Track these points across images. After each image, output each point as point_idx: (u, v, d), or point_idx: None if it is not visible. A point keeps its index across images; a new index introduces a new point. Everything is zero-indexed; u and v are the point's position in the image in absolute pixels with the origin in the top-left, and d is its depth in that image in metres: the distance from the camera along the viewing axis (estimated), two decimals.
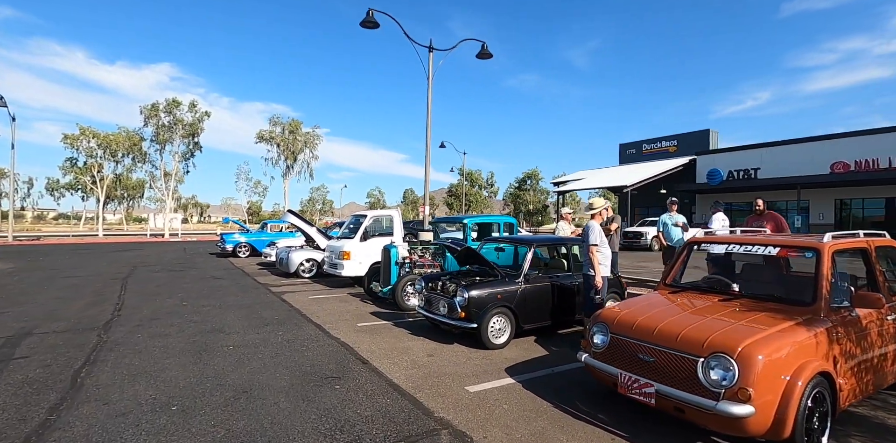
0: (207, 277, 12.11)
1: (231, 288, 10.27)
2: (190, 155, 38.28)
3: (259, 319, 7.07)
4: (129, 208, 76.09)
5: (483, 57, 14.58)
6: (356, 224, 10.97)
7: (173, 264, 15.51)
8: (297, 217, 12.92)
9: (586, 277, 5.68)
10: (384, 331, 6.39)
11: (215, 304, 8.32)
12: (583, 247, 5.80)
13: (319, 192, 71.65)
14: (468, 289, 5.50)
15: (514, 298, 5.72)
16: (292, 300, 8.75)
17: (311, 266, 12.29)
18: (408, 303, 7.80)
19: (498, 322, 5.58)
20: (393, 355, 5.23)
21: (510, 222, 9.21)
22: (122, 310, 7.77)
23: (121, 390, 4.08)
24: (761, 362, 2.92)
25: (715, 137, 32.93)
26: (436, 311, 5.93)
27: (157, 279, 11.71)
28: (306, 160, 43.78)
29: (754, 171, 27.55)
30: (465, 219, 8.75)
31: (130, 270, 13.89)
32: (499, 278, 5.88)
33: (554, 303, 6.08)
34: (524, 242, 6.22)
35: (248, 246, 18.49)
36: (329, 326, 6.58)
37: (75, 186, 56.25)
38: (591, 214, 5.85)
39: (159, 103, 35.88)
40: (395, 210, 10.96)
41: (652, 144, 35.83)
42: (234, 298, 8.89)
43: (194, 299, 8.78)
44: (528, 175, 54.13)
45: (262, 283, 11.21)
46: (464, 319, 5.49)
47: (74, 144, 37.92)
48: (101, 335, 6.04)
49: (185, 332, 6.22)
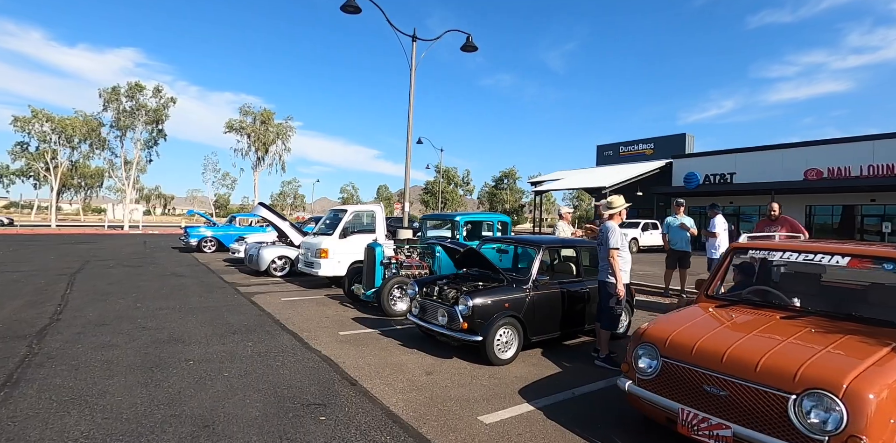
0: (168, 275, 11.03)
1: (194, 287, 9.27)
2: (153, 143, 36.19)
3: (225, 325, 6.19)
4: (88, 198, 72.31)
5: (468, 49, 13.89)
6: (335, 220, 10.11)
7: (130, 259, 14.26)
8: (269, 211, 11.97)
9: (604, 285, 5.06)
10: (371, 341, 5.62)
11: (175, 306, 7.36)
12: (600, 250, 5.18)
13: (291, 186, 69.71)
14: (471, 296, 4.79)
15: (523, 307, 5.05)
16: (263, 303, 7.86)
17: (283, 264, 11.36)
18: (394, 308, 7.05)
19: (505, 334, 4.89)
20: (385, 373, 4.47)
21: (504, 221, 8.55)
22: (63, 312, 6.74)
23: (43, 425, 3.21)
24: (873, 402, 2.32)
25: (691, 141, 33.28)
26: (432, 320, 5.20)
27: (111, 276, 10.57)
28: (278, 152, 42.18)
29: (730, 175, 27.80)
30: (457, 216, 8.04)
31: (81, 264, 12.62)
32: (504, 284, 5.19)
33: (564, 312, 5.44)
34: (531, 243, 5.55)
35: (214, 241, 17.31)
36: (307, 336, 5.76)
37: (27, 173, 52.87)
38: (609, 214, 5.22)
39: (120, 87, 33.77)
40: (377, 205, 10.16)
41: (629, 147, 35.99)
42: (197, 300, 7.93)
43: (151, 300, 7.79)
44: (505, 174, 53.80)
45: (230, 282, 10.23)
46: (466, 331, 4.78)
47: (25, 127, 35.36)
48: (32, 346, 5.06)
49: (136, 341, 5.30)
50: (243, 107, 40.98)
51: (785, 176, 24.86)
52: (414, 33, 14.03)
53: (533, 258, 5.39)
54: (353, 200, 73.43)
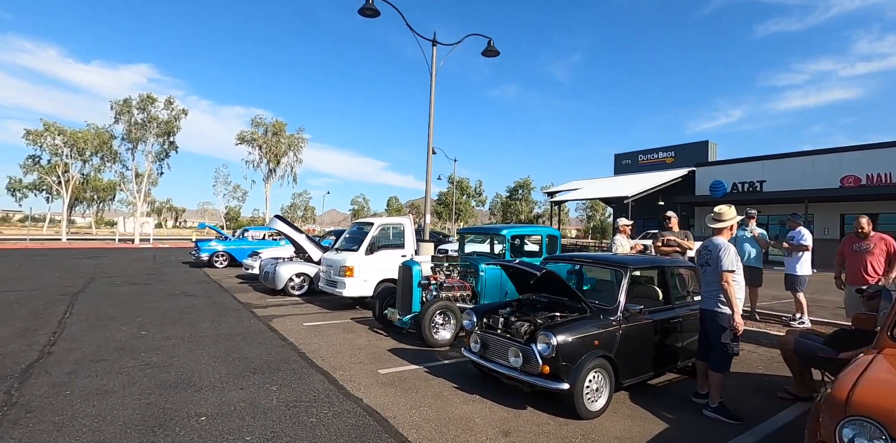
0: (177, 294, 10.14)
1: (205, 310, 8.35)
2: (164, 155, 35.76)
3: (243, 361, 5.23)
4: (100, 211, 72.30)
5: (489, 54, 13.19)
6: (359, 234, 9.19)
7: (138, 276, 13.42)
8: (285, 223, 11.09)
9: (713, 316, 4.05)
10: (420, 384, 4.63)
11: (184, 334, 6.44)
12: (705, 272, 4.19)
13: (302, 198, 69.22)
14: (554, 332, 3.80)
15: (614, 344, 4.05)
16: (284, 329, 6.91)
17: (301, 282, 10.43)
18: (437, 337, 6.06)
19: (595, 380, 3.90)
20: (451, 435, 3.48)
21: (553, 235, 7.58)
22: (57, 343, 5.83)
23: None
24: None
25: (714, 149, 32.24)
26: (498, 359, 4.22)
27: (115, 296, 9.70)
28: (290, 164, 41.67)
29: (760, 183, 26.64)
30: (504, 230, 7.07)
31: (86, 282, 11.79)
32: (587, 315, 4.20)
33: (658, 348, 4.44)
34: (615, 263, 4.55)
35: (226, 255, 16.47)
36: (341, 376, 4.78)
37: (39, 187, 52.82)
38: (717, 228, 4.24)
39: (132, 99, 33.46)
40: (405, 218, 9.24)
41: (649, 155, 35.01)
42: (209, 326, 7.00)
43: (157, 327, 6.87)
44: (519, 184, 52.77)
45: (244, 302, 9.31)
46: (548, 377, 3.79)
47: (37, 140, 35.15)
48: (11, 392, 4.14)
49: (136, 385, 4.36)
50: (255, 118, 40.65)
51: (818, 183, 23.68)
52: (434, 37, 13.35)
53: (618, 282, 4.40)
54: (364, 212, 72.72)
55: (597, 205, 66.56)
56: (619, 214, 37.61)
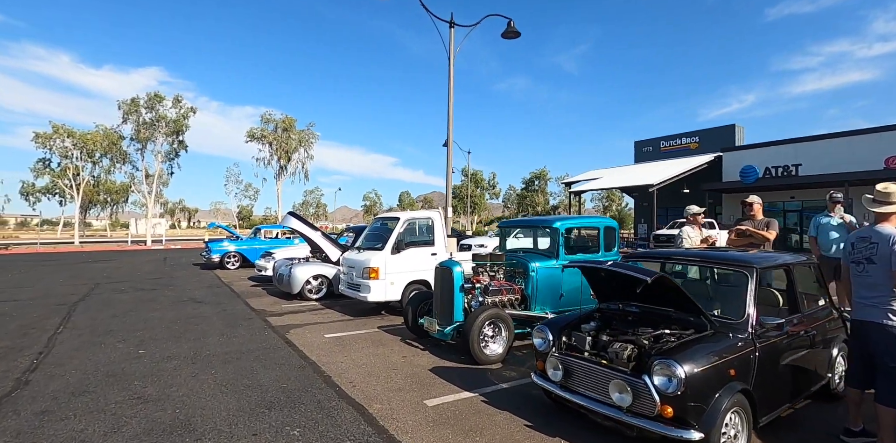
0: (185, 301, 9.26)
1: (214, 320, 7.44)
2: (174, 155, 35.13)
3: (256, 389, 4.27)
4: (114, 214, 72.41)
5: (509, 36, 12.25)
6: (383, 231, 8.20)
7: (146, 280, 12.60)
8: (300, 221, 10.13)
9: (881, 331, 2.98)
10: (480, 420, 3.61)
11: (188, 353, 5.50)
12: (864, 272, 3.10)
13: (314, 195, 68.52)
14: (678, 360, 2.75)
15: (750, 372, 3.00)
16: (303, 343, 5.95)
17: (319, 284, 9.48)
18: (487, 352, 5.05)
19: (732, 423, 2.85)
20: None
21: (612, 227, 6.50)
22: (39, 368, 4.93)
23: None
24: None
25: (741, 133, 30.74)
26: (591, 393, 3.18)
27: (117, 305, 8.84)
28: (301, 160, 40.81)
29: (795, 167, 25.10)
30: (556, 222, 6.00)
31: (90, 289, 10.98)
32: (707, 333, 3.14)
33: (795, 371, 3.38)
34: (738, 262, 3.44)
35: (237, 256, 15.63)
36: (379, 410, 3.79)
37: (52, 190, 52.75)
38: (883, 213, 3.15)
39: (139, 98, 32.78)
40: (435, 211, 8.22)
41: (671, 141, 33.61)
42: (217, 341, 6.06)
43: (158, 343, 5.95)
44: (535, 175, 51.30)
45: (257, 309, 8.39)
46: (672, 422, 2.75)
47: (46, 143, 34.71)
48: None
49: (121, 432, 3.40)
50: (264, 114, 39.78)
51: (858, 166, 22.16)
52: (451, 19, 12.31)
53: (742, 287, 3.32)
54: (377, 208, 71.84)
55: (613, 194, 64.89)
56: (641, 203, 36.18)
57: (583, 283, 4.06)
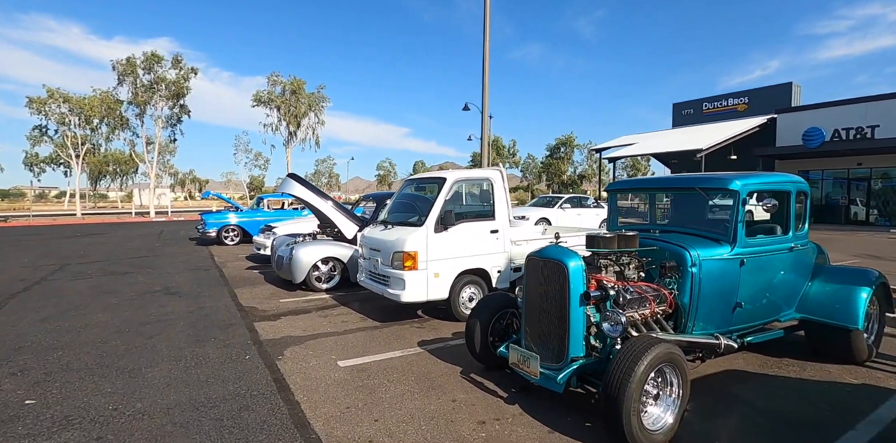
0: (156, 292, 6.99)
1: (179, 329, 5.11)
2: (176, 121, 32.67)
3: None
4: (124, 184, 70.82)
5: None
6: (418, 199, 5.74)
7: (124, 260, 10.39)
8: (303, 185, 7.59)
9: None
10: None
11: (105, 406, 3.18)
12: None
13: (326, 164, 65.90)
14: None
15: None
16: (304, 381, 3.59)
17: (330, 270, 7.11)
18: (646, 423, 2.62)
19: None
20: None
21: (805, 192, 3.91)
22: None
23: None
24: None
25: (797, 92, 27.13)
26: None
27: (64, 299, 6.59)
28: (311, 126, 38.08)
29: (871, 129, 21.71)
30: (735, 181, 3.39)
31: (49, 272, 8.80)
32: None
33: None
34: None
35: (237, 229, 13.36)
36: None
37: (56, 161, 50.99)
38: None
39: (135, 58, 30.07)
40: (494, 170, 5.67)
41: (715, 103, 30.15)
42: (164, 379, 3.72)
43: (72, 378, 3.64)
44: (562, 141, 47.72)
45: (246, 306, 6.07)
46: None
47: (41, 109, 32.43)
48: None
49: None
50: (271, 76, 36.79)
51: None
52: None
53: None
54: (391, 178, 69.09)
55: (638, 163, 61.20)
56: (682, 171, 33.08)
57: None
